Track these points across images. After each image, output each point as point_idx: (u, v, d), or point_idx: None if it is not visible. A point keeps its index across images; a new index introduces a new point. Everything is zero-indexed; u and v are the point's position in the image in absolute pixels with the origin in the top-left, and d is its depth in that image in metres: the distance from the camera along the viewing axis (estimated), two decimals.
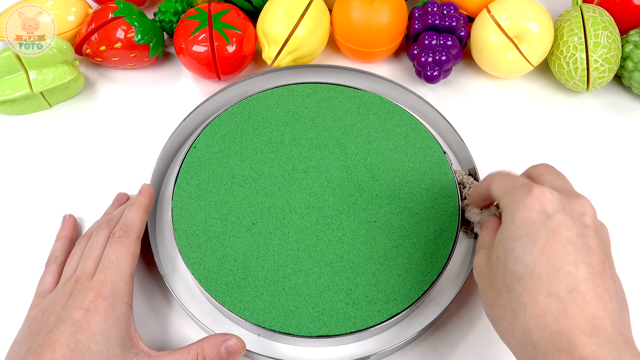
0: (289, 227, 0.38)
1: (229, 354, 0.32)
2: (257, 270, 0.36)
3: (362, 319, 0.35)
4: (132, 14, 0.46)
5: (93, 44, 0.46)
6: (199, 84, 0.49)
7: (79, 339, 0.29)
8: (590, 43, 0.44)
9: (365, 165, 0.41)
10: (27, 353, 0.29)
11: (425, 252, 0.37)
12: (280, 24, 0.45)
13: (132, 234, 0.34)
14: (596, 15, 0.45)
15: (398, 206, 0.39)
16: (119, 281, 0.32)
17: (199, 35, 0.44)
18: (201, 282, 0.36)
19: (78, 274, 0.33)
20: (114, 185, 0.42)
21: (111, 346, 0.30)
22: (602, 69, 0.44)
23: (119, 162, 0.44)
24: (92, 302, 0.30)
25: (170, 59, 0.51)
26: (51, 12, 0.45)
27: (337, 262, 0.37)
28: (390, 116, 0.44)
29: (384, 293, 0.36)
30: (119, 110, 0.47)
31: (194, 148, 0.42)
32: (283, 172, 0.41)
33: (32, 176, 0.43)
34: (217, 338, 0.32)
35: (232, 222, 0.38)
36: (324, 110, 0.44)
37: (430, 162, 0.41)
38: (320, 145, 0.42)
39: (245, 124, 0.43)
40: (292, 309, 0.35)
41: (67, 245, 0.38)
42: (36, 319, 0.32)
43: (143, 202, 0.37)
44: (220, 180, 0.40)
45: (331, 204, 0.39)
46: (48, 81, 0.43)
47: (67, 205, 0.42)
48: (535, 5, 0.46)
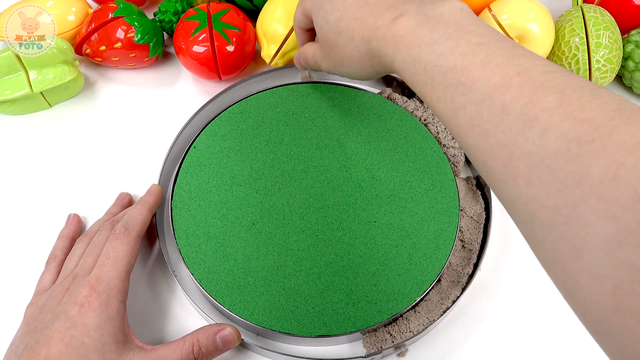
0: (289, 227, 0.38)
1: (224, 343, 0.32)
2: (257, 270, 0.36)
3: (362, 319, 0.35)
4: (132, 14, 0.46)
5: (93, 44, 0.46)
6: (199, 84, 0.49)
7: (74, 334, 0.29)
8: (592, 43, 0.44)
9: (365, 165, 0.41)
10: (24, 350, 0.29)
11: (425, 252, 0.37)
12: (279, 23, 0.45)
13: (133, 232, 0.34)
14: (597, 16, 0.45)
15: (398, 206, 0.39)
16: (114, 278, 0.32)
17: (199, 36, 0.44)
18: (201, 282, 0.36)
19: (76, 272, 0.33)
20: (114, 185, 0.42)
21: (105, 341, 0.30)
22: (604, 69, 0.44)
23: (119, 162, 0.44)
24: (87, 298, 0.30)
25: (170, 59, 0.51)
26: (51, 12, 0.45)
27: (337, 262, 0.37)
28: (390, 116, 0.44)
29: (384, 293, 0.36)
30: (119, 110, 0.47)
31: (194, 148, 0.41)
32: (283, 172, 0.40)
33: (32, 176, 0.43)
34: (212, 328, 0.33)
35: (232, 222, 0.38)
36: (324, 110, 0.44)
37: (430, 162, 0.41)
38: (320, 145, 0.42)
39: (245, 124, 0.43)
40: (292, 309, 0.35)
41: (68, 244, 0.38)
42: (33, 317, 0.32)
43: (149, 202, 0.38)
44: (220, 180, 0.40)
45: (331, 204, 0.39)
46: (48, 81, 0.43)
47: (67, 205, 0.42)
48: (536, 5, 0.46)
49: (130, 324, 0.33)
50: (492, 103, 0.24)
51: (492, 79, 0.24)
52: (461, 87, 0.25)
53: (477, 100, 0.24)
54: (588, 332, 0.21)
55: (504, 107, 0.23)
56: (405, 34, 0.29)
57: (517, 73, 0.23)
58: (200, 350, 0.31)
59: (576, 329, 0.37)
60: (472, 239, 0.39)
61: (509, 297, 0.39)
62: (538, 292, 0.39)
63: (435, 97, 0.27)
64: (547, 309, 0.38)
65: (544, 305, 0.38)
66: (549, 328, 0.37)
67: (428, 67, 0.27)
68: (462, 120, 0.25)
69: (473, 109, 0.25)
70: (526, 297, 0.39)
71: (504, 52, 0.25)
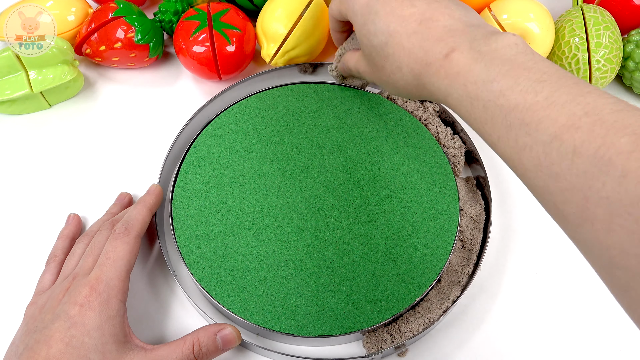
0: (289, 227, 0.38)
1: (224, 343, 0.32)
2: (257, 270, 0.36)
3: (362, 319, 0.35)
4: (132, 14, 0.46)
5: (93, 44, 0.46)
6: (199, 84, 0.49)
7: (74, 334, 0.29)
8: (592, 43, 0.44)
9: (365, 165, 0.41)
10: (24, 350, 0.29)
11: (425, 252, 0.37)
12: (279, 22, 0.45)
13: (133, 232, 0.34)
14: (597, 16, 0.45)
15: (398, 206, 0.39)
16: (113, 277, 0.32)
17: (199, 36, 0.44)
18: (201, 282, 0.36)
19: (76, 272, 0.33)
20: (114, 185, 0.42)
21: (105, 341, 0.30)
22: (604, 69, 0.44)
23: (119, 162, 0.44)
24: (87, 298, 0.30)
25: (170, 59, 0.51)
26: (51, 12, 0.45)
27: (337, 262, 0.37)
28: (390, 116, 0.44)
29: (384, 293, 0.36)
30: (119, 110, 0.47)
31: (194, 148, 0.41)
32: (283, 172, 0.40)
33: (32, 176, 0.43)
34: (212, 328, 0.33)
35: (232, 222, 0.38)
36: (324, 110, 0.44)
37: (430, 162, 0.41)
38: (320, 145, 0.42)
39: (245, 124, 0.43)
40: (292, 309, 0.35)
41: (68, 244, 0.38)
42: (33, 317, 0.32)
43: (149, 202, 0.38)
44: (220, 180, 0.40)
45: (331, 204, 0.39)
46: (48, 81, 0.43)
47: (67, 205, 0.42)
48: (536, 5, 0.46)
49: (130, 323, 0.33)
50: (561, 145, 0.23)
51: (558, 119, 0.23)
52: (525, 127, 0.24)
53: (544, 141, 0.23)
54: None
55: (575, 150, 0.22)
56: (460, 71, 0.28)
57: (584, 113, 0.23)
58: (200, 350, 0.31)
59: (576, 329, 0.37)
60: (472, 239, 0.39)
61: (509, 297, 0.39)
62: (538, 292, 0.39)
63: (496, 137, 0.26)
64: (547, 309, 0.38)
65: (544, 305, 0.38)
66: (548, 328, 0.37)
67: (487, 106, 0.26)
68: (528, 161, 0.24)
69: (540, 150, 0.24)
70: (526, 297, 0.39)
71: (567, 90, 0.24)
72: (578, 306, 0.38)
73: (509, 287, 0.39)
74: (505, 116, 0.25)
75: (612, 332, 0.37)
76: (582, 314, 0.38)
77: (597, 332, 0.37)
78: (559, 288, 0.39)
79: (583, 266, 0.40)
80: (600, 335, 0.37)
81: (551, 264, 0.40)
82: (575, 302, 0.39)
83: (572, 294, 0.39)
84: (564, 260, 0.40)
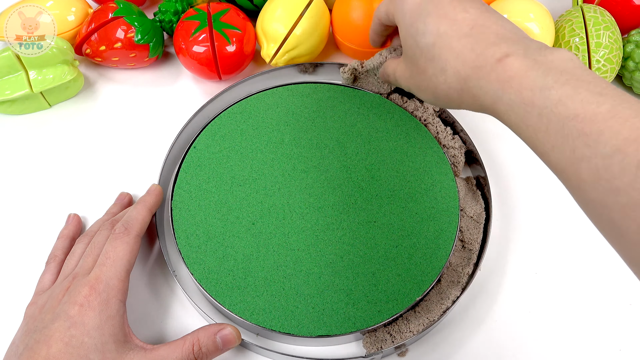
0: (288, 227, 0.38)
1: (224, 343, 0.32)
2: (257, 270, 0.36)
3: (362, 319, 0.35)
4: (132, 14, 0.46)
5: (93, 44, 0.46)
6: (199, 84, 0.49)
7: (73, 333, 0.29)
8: (592, 43, 0.44)
9: (365, 165, 0.41)
10: (24, 350, 0.29)
11: (425, 252, 0.37)
12: (279, 22, 0.45)
13: (133, 232, 0.34)
14: (597, 16, 0.45)
15: (398, 206, 0.39)
16: (113, 277, 0.32)
17: (199, 36, 0.44)
18: (201, 282, 0.36)
19: (76, 271, 0.33)
20: (114, 185, 0.42)
21: (105, 341, 0.30)
22: (604, 69, 0.44)
23: (119, 162, 0.44)
24: (86, 298, 0.30)
25: (170, 59, 0.51)
26: (51, 12, 0.45)
27: (337, 262, 0.37)
28: (390, 116, 0.44)
29: (384, 293, 0.36)
30: (119, 110, 0.47)
31: (194, 148, 0.41)
32: (283, 172, 0.40)
33: (32, 176, 0.43)
34: (212, 328, 0.33)
35: (232, 222, 0.38)
36: (324, 110, 0.44)
37: (430, 162, 0.41)
38: (320, 145, 0.42)
39: (245, 124, 0.43)
40: (292, 309, 0.35)
41: (68, 243, 0.38)
42: (33, 317, 0.32)
43: (149, 202, 0.38)
44: (220, 180, 0.40)
45: (331, 204, 0.39)
46: (48, 81, 0.43)
47: (67, 205, 0.42)
48: (536, 5, 0.46)
49: (130, 323, 0.33)
50: (624, 159, 0.22)
51: (622, 132, 0.22)
52: (584, 138, 0.23)
53: (604, 153, 0.23)
54: None
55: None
56: (514, 76, 0.27)
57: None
58: (200, 350, 0.31)
59: (576, 329, 0.37)
60: (472, 239, 0.39)
61: (509, 297, 0.39)
62: (538, 292, 0.39)
63: (550, 146, 0.25)
64: (547, 309, 0.38)
65: (544, 305, 0.38)
66: (548, 328, 0.37)
67: (543, 113, 0.25)
68: (585, 174, 0.24)
69: (600, 163, 0.23)
70: (526, 297, 0.39)
71: (630, 105, 0.23)
72: (578, 306, 0.38)
73: (509, 287, 0.39)
74: (562, 125, 0.24)
75: (612, 332, 0.37)
76: (582, 314, 0.38)
77: (597, 332, 0.37)
78: (559, 288, 0.39)
79: (583, 266, 0.40)
80: (600, 335, 0.37)
81: (551, 264, 0.40)
82: (575, 302, 0.39)
83: (572, 294, 0.39)
84: (564, 260, 0.40)
